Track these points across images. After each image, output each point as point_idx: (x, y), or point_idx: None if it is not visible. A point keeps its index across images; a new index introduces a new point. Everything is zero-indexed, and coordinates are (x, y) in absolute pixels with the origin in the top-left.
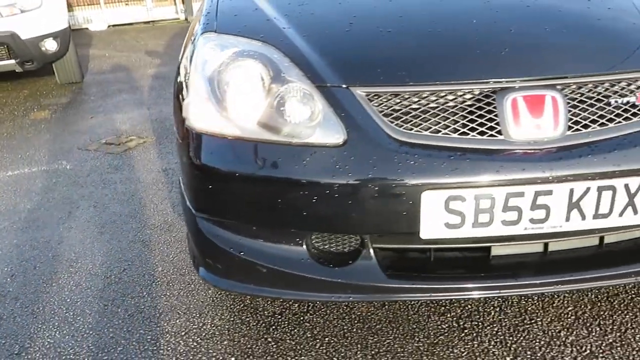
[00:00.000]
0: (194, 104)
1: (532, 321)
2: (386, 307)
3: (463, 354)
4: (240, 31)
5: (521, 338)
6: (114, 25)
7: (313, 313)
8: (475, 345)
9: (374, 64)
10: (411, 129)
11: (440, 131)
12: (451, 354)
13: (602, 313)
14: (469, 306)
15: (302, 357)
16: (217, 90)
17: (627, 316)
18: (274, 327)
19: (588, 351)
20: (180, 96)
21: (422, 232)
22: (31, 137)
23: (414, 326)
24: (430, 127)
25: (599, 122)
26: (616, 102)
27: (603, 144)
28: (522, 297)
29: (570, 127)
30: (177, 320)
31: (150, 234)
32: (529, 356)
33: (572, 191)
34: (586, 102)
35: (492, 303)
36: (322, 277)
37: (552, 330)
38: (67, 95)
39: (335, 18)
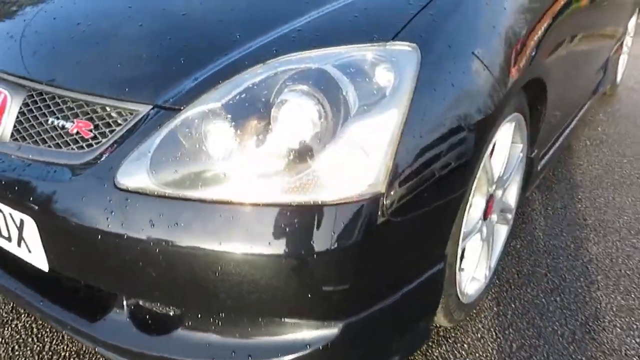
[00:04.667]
0: None
1: None
2: None
3: None
4: None
5: None
6: None
7: None
8: None
9: None
10: None
11: None
12: None
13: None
14: None
15: None
16: None
17: None
18: None
19: None
20: None
21: None
22: None
23: None
24: None
25: (33, 140)
26: (52, 123)
27: (17, 163)
28: None
29: (12, 135)
30: None
31: None
32: None
33: None
34: (34, 113)
35: None
36: None
37: None
38: None
39: None
